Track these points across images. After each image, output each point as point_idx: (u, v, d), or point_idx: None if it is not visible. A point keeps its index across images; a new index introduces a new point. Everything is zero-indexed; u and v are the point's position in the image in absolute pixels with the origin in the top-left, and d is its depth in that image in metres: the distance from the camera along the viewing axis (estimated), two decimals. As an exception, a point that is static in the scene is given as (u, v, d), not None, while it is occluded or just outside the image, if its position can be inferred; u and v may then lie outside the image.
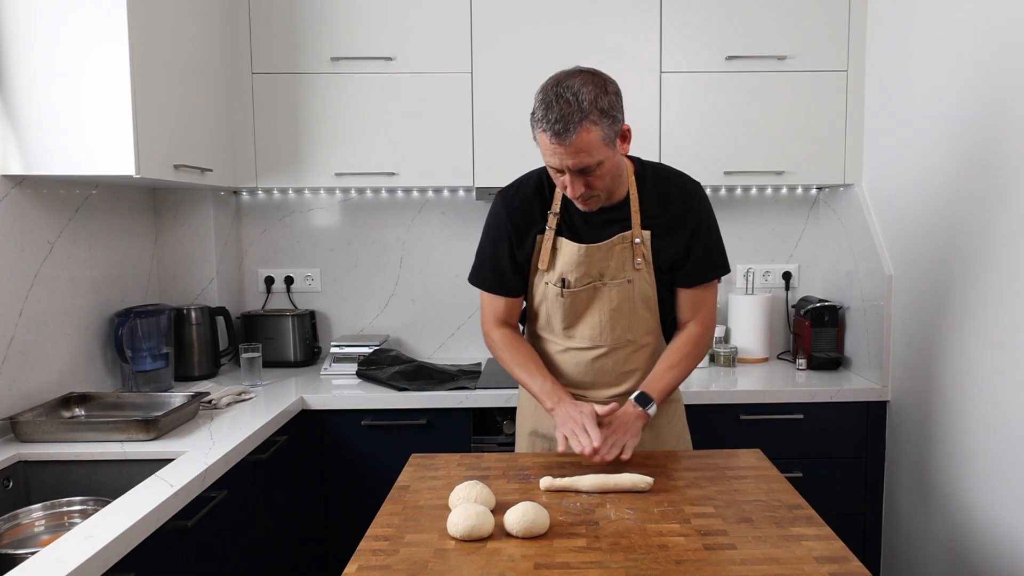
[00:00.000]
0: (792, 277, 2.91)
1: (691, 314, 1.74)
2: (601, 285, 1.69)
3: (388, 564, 1.20)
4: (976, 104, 1.95)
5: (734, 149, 2.57)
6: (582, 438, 1.53)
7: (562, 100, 1.45)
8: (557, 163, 1.50)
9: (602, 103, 1.47)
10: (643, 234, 1.66)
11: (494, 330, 1.78)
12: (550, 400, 1.65)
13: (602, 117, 1.47)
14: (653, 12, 2.52)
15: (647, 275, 1.69)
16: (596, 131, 1.46)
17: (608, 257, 1.67)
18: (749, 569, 1.17)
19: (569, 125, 1.44)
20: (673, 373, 1.70)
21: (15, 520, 1.55)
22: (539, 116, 1.48)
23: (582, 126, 1.45)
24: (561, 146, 1.46)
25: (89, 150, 1.91)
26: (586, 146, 1.46)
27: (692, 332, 1.74)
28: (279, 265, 2.93)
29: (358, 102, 2.55)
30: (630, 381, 1.77)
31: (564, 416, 1.59)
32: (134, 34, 1.91)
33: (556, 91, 1.47)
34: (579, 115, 1.44)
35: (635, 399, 1.65)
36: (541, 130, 1.48)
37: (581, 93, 1.45)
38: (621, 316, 1.71)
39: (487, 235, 1.76)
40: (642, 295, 1.70)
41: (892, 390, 2.38)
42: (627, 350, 1.75)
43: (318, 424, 2.37)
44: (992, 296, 1.89)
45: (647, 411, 1.64)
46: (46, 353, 2.05)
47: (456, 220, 2.91)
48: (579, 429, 1.54)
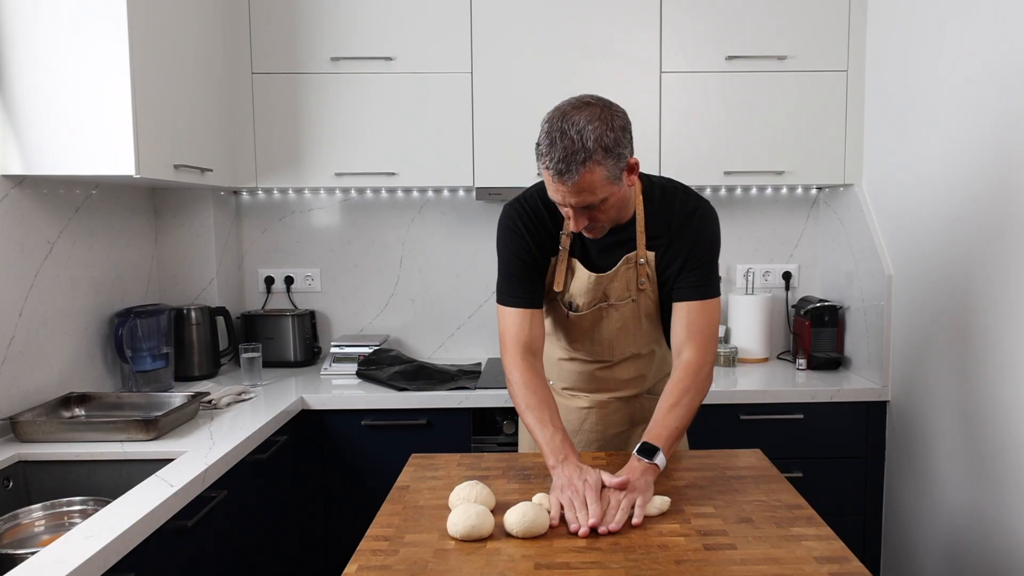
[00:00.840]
0: (792, 277, 2.91)
1: (685, 337, 1.60)
2: (607, 306, 1.67)
3: (388, 564, 1.20)
4: (976, 104, 1.95)
5: (734, 149, 2.57)
6: (579, 513, 1.33)
7: (566, 138, 1.38)
8: (560, 200, 1.46)
9: (607, 140, 1.39)
10: (648, 255, 1.62)
11: (518, 362, 1.60)
12: (554, 457, 1.47)
13: (607, 156, 1.40)
14: (653, 12, 2.52)
15: (651, 293, 1.66)
16: (600, 171, 1.40)
17: (614, 279, 1.64)
18: (749, 569, 1.17)
19: (571, 165, 1.38)
20: (675, 414, 1.53)
21: (15, 520, 1.55)
22: (543, 151, 1.42)
23: (585, 167, 1.39)
24: (564, 185, 1.41)
25: (89, 150, 1.91)
26: (589, 186, 1.41)
27: (688, 361, 1.58)
28: (279, 265, 2.93)
29: (358, 102, 2.55)
30: (633, 387, 1.77)
31: (565, 481, 1.40)
32: (134, 34, 1.91)
33: (561, 127, 1.40)
34: (582, 155, 1.38)
35: (638, 452, 1.48)
36: (544, 166, 1.43)
37: (586, 131, 1.38)
38: (626, 334, 1.70)
39: (507, 250, 1.65)
40: (646, 311, 1.69)
41: (892, 390, 2.38)
42: (631, 361, 1.75)
43: (318, 424, 2.37)
44: (992, 296, 1.89)
45: (654, 463, 1.46)
46: (46, 353, 2.05)
47: (456, 220, 2.91)
48: (579, 501, 1.35)
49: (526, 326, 1.62)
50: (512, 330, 1.62)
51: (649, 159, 2.54)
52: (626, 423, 1.81)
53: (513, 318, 1.63)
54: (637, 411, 1.80)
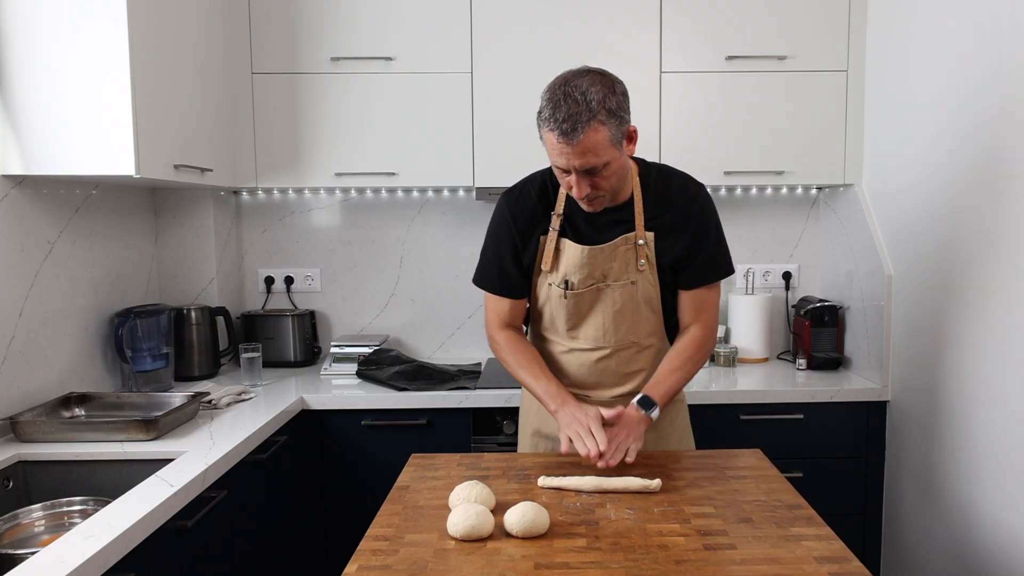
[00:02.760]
0: (792, 277, 2.91)
1: (693, 317, 1.72)
2: (604, 287, 1.68)
3: (388, 564, 1.20)
4: (976, 103, 1.95)
5: (734, 149, 2.57)
6: (588, 441, 1.51)
7: (570, 99, 1.44)
8: (564, 163, 1.49)
9: (610, 103, 1.45)
10: (647, 235, 1.66)
11: (498, 332, 1.76)
12: (554, 402, 1.63)
13: (610, 117, 1.45)
14: (653, 12, 2.52)
15: (650, 276, 1.68)
16: (604, 131, 1.45)
17: (612, 258, 1.66)
18: (749, 569, 1.17)
19: (577, 125, 1.43)
20: (676, 376, 1.68)
21: (15, 520, 1.55)
22: (546, 115, 1.47)
23: (590, 126, 1.43)
24: (568, 146, 1.45)
25: (89, 150, 1.91)
26: (593, 146, 1.45)
27: (694, 335, 1.71)
28: (279, 265, 2.93)
29: (358, 102, 2.55)
30: (634, 382, 1.77)
31: (568, 418, 1.57)
32: (134, 34, 1.91)
33: (564, 90, 1.45)
34: (587, 115, 1.43)
35: (638, 402, 1.63)
36: (548, 129, 1.47)
37: (589, 93, 1.44)
38: (624, 317, 1.71)
39: (491, 236, 1.75)
40: (645, 296, 1.70)
41: (892, 390, 2.38)
42: (631, 351, 1.75)
43: (318, 424, 2.37)
44: (992, 296, 1.89)
45: (650, 415, 1.63)
46: (46, 353, 2.05)
47: (456, 220, 2.91)
48: (584, 432, 1.53)
49: (505, 308, 1.77)
50: (493, 310, 1.78)
51: (649, 159, 2.53)
52: None
53: (492, 301, 1.78)
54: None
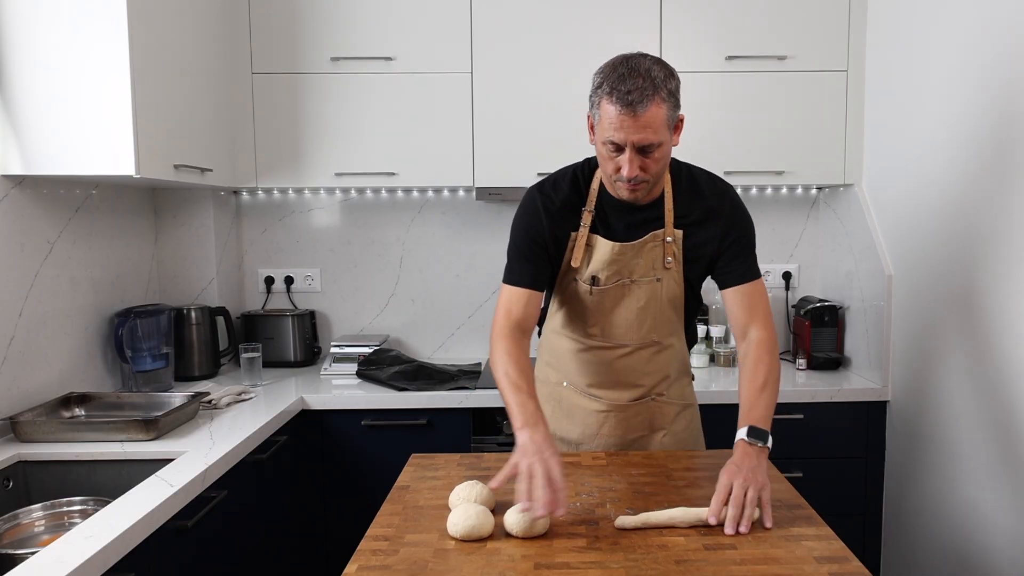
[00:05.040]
0: (792, 277, 2.91)
1: (748, 317, 1.63)
2: (630, 283, 1.66)
3: (388, 564, 1.20)
4: (977, 103, 1.95)
5: (734, 149, 2.57)
6: (537, 489, 1.27)
7: (635, 74, 1.43)
8: (622, 137, 1.46)
9: (671, 85, 1.46)
10: (675, 233, 1.64)
11: (504, 336, 1.60)
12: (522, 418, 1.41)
13: (670, 97, 1.46)
14: (653, 12, 2.52)
15: (676, 274, 1.66)
16: (664, 109, 1.44)
17: (639, 255, 1.64)
18: (749, 569, 1.17)
19: (644, 97, 1.42)
20: (767, 393, 1.54)
21: (15, 520, 1.55)
22: (609, 87, 1.45)
23: (654, 101, 1.43)
24: (630, 118, 1.43)
25: (89, 150, 1.91)
26: (654, 121, 1.44)
27: (761, 339, 1.60)
28: (279, 265, 2.93)
29: (358, 102, 2.55)
30: (650, 384, 1.74)
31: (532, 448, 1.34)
32: (134, 34, 1.91)
33: (629, 65, 1.45)
34: (651, 90, 1.42)
35: (748, 436, 1.46)
36: (611, 102, 1.44)
37: (654, 70, 1.44)
38: (648, 315, 1.69)
39: (521, 228, 1.66)
40: (670, 294, 1.68)
41: (892, 390, 2.38)
42: (651, 350, 1.72)
43: (318, 424, 2.37)
44: (992, 296, 1.89)
45: (767, 445, 1.46)
46: (46, 353, 2.05)
47: (456, 220, 2.91)
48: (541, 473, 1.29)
49: (520, 304, 1.63)
50: (505, 306, 1.64)
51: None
52: (646, 427, 1.77)
53: (510, 295, 1.65)
54: (657, 415, 1.77)
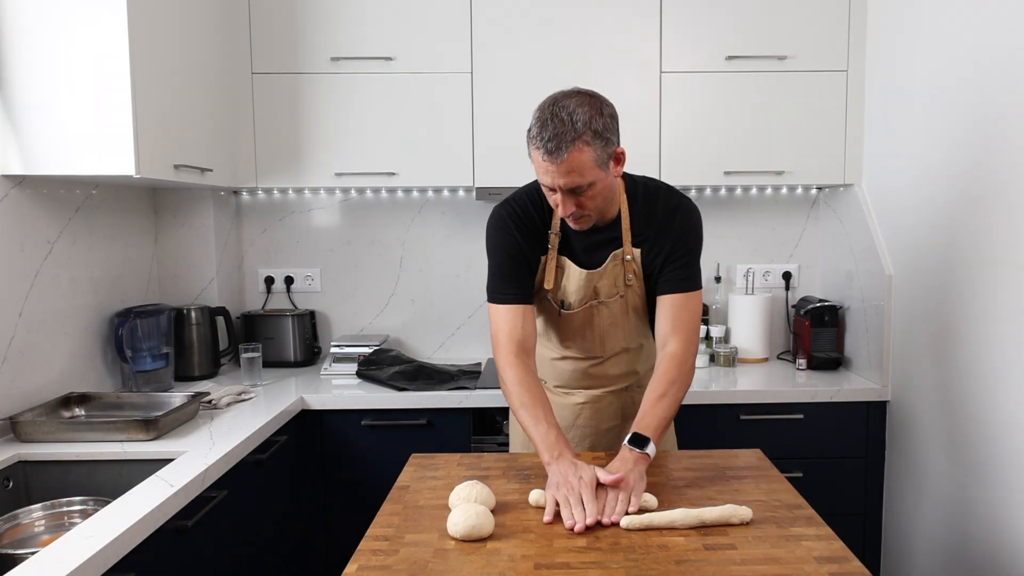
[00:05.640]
0: (792, 277, 2.91)
1: (669, 329, 1.64)
2: (597, 304, 1.71)
3: (388, 564, 1.20)
4: (976, 104, 1.95)
5: (734, 149, 2.57)
6: (576, 510, 1.35)
7: (557, 119, 1.46)
8: (549, 181, 1.51)
9: (596, 125, 1.47)
10: (634, 252, 1.67)
11: (511, 363, 1.61)
12: (549, 453, 1.49)
13: (595, 138, 1.47)
14: (653, 12, 2.52)
15: (638, 288, 1.71)
16: (588, 152, 1.46)
17: (603, 276, 1.68)
18: (749, 569, 1.17)
19: (562, 144, 1.45)
20: (664, 404, 1.57)
21: (15, 520, 1.55)
22: (534, 133, 1.49)
23: (574, 146, 1.45)
24: (553, 164, 1.47)
25: (89, 150, 1.91)
26: (578, 166, 1.47)
27: (674, 353, 1.61)
28: (279, 265, 2.93)
29: (358, 102, 2.55)
30: (625, 381, 1.82)
31: (560, 478, 1.42)
32: (134, 34, 1.91)
33: (552, 110, 1.47)
34: (572, 135, 1.45)
35: (629, 441, 1.51)
36: (535, 147, 1.49)
37: (576, 113, 1.45)
38: (616, 329, 1.75)
39: (498, 247, 1.68)
40: (633, 305, 1.73)
41: (892, 390, 2.38)
42: (622, 356, 1.80)
43: (318, 424, 2.37)
44: (992, 296, 1.89)
45: (645, 452, 1.49)
46: (46, 353, 2.05)
47: (456, 220, 2.91)
48: (575, 499, 1.37)
49: (519, 324, 1.64)
50: (505, 328, 1.64)
51: (649, 159, 2.54)
52: (619, 417, 1.85)
53: (506, 315, 1.65)
54: (629, 404, 1.84)
